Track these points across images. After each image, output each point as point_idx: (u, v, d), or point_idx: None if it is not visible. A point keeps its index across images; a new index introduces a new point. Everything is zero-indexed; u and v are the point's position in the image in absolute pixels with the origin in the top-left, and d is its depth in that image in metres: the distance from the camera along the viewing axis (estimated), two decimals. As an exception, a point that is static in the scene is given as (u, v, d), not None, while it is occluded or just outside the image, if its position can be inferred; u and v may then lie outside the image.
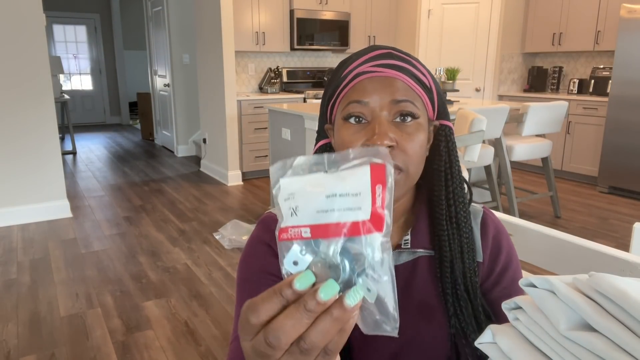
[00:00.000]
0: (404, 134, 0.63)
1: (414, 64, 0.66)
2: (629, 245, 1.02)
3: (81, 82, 9.54)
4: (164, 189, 4.70)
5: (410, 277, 0.71)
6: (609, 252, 0.86)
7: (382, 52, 0.66)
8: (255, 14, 5.07)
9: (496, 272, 0.73)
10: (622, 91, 4.38)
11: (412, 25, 5.82)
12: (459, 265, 0.69)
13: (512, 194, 3.57)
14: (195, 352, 2.06)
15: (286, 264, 0.36)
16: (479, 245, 0.73)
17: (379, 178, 0.36)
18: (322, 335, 0.34)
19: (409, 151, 0.63)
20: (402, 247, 0.71)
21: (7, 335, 2.18)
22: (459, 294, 0.68)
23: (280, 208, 0.38)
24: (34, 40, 3.48)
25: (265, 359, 0.35)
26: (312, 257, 0.36)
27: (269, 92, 5.33)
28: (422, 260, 0.71)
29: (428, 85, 0.67)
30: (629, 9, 4.28)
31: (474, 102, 4.33)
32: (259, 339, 0.35)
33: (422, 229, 0.72)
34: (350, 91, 0.65)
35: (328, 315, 0.34)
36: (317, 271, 0.35)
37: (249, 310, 0.35)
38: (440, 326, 0.69)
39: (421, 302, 0.70)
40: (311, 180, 0.37)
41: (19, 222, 3.67)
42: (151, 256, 3.07)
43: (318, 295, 0.33)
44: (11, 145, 3.56)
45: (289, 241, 0.36)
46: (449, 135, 0.71)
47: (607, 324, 0.41)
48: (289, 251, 0.36)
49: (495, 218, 0.77)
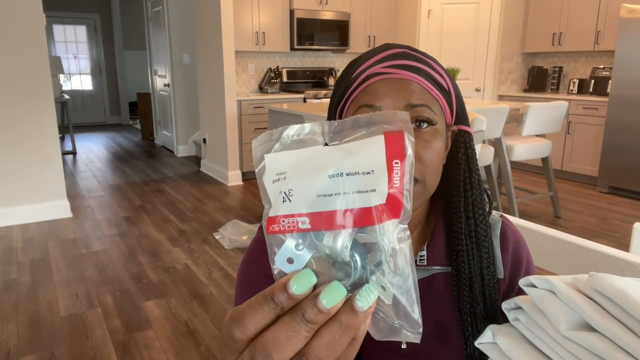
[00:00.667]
0: (420, 142, 0.58)
1: (431, 65, 0.61)
2: (629, 245, 1.02)
3: (81, 82, 9.54)
4: (164, 189, 4.70)
5: (425, 295, 0.65)
6: (609, 252, 0.86)
7: (396, 52, 0.61)
8: (255, 14, 5.07)
9: (516, 288, 0.68)
10: (622, 91, 4.38)
11: (412, 25, 5.82)
12: (479, 283, 0.64)
13: (512, 194, 3.57)
14: (195, 352, 2.06)
15: (278, 262, 0.29)
16: (499, 260, 0.68)
17: (396, 150, 0.28)
18: (328, 349, 0.26)
19: (426, 160, 0.58)
20: (418, 263, 0.65)
21: (7, 335, 2.18)
22: (477, 315, 0.63)
23: (267, 192, 0.30)
24: (34, 40, 3.48)
25: None
26: (311, 252, 0.28)
27: (269, 92, 5.33)
28: (438, 277, 0.66)
29: (446, 87, 0.62)
30: (629, 9, 4.28)
31: (474, 102, 4.33)
32: (243, 358, 0.27)
33: (438, 243, 0.66)
34: (361, 94, 0.60)
35: (336, 322, 0.26)
36: (318, 270, 0.28)
37: (233, 321, 0.28)
38: (456, 349, 0.65)
39: (437, 323, 0.65)
40: (308, 155, 0.30)
41: (19, 222, 3.67)
42: (151, 256, 3.07)
43: (320, 301, 0.26)
44: (11, 145, 3.56)
45: (282, 234, 0.29)
46: (469, 142, 0.65)
47: (607, 324, 0.41)
48: (282, 246, 0.28)
49: (514, 228, 0.72)
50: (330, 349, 0.26)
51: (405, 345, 0.64)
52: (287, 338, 0.26)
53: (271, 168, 0.30)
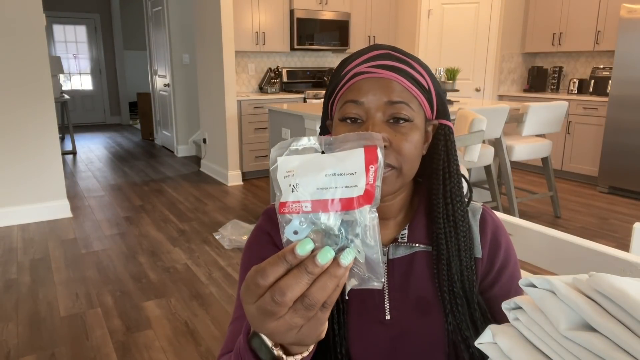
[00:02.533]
0: (398, 134, 0.64)
1: (412, 65, 0.67)
2: (629, 245, 1.02)
3: (81, 82, 9.54)
4: (164, 189, 4.70)
5: (407, 271, 0.72)
6: (609, 252, 0.86)
7: (381, 53, 0.67)
8: (255, 14, 5.07)
9: (495, 269, 0.73)
10: (622, 91, 4.38)
11: (412, 25, 5.82)
12: (456, 263, 0.70)
13: (512, 194, 3.57)
14: (195, 352, 2.06)
15: (287, 233, 0.41)
16: (478, 241, 0.73)
17: (371, 158, 0.41)
18: (322, 291, 0.39)
19: (403, 150, 0.64)
20: (399, 241, 0.72)
21: (7, 335, 2.18)
22: (455, 292, 0.69)
23: (279, 184, 0.42)
24: (34, 40, 3.48)
25: (271, 316, 0.40)
26: (310, 227, 0.40)
27: (269, 92, 5.33)
28: (420, 255, 0.72)
29: (426, 86, 0.68)
30: (629, 9, 4.28)
31: (474, 102, 4.33)
32: (265, 298, 0.39)
33: (419, 224, 0.73)
34: (347, 91, 0.67)
35: (327, 273, 0.39)
36: (315, 239, 0.40)
37: (257, 273, 0.40)
38: (436, 322, 0.70)
39: (418, 297, 0.71)
40: (310, 159, 0.42)
41: (19, 222, 3.67)
42: (151, 256, 3.07)
43: (317, 259, 0.39)
44: (11, 145, 3.56)
45: (289, 214, 0.41)
46: (448, 135, 0.72)
47: (607, 324, 0.41)
48: (289, 223, 0.41)
49: (495, 216, 0.77)
50: (322, 291, 0.39)
51: (389, 316, 0.71)
52: (296, 283, 0.39)
53: (282, 167, 0.42)
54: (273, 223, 0.77)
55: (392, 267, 0.72)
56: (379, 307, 0.71)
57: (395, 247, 0.72)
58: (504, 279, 0.73)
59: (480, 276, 0.73)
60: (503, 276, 0.73)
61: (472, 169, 3.91)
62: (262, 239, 0.77)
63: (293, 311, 0.40)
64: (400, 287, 0.71)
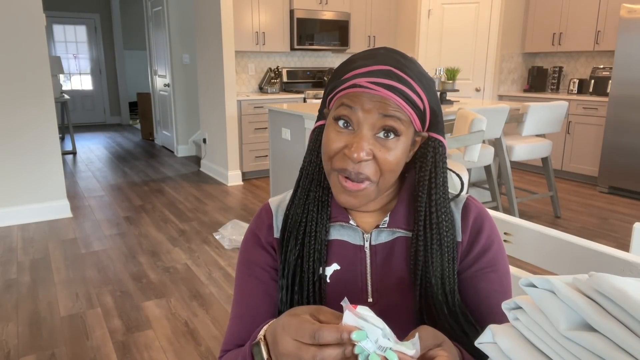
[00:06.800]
0: (383, 148, 0.68)
1: (412, 85, 0.69)
2: (629, 245, 1.02)
3: (81, 82, 9.54)
4: (164, 189, 4.70)
5: (388, 255, 0.76)
6: (609, 252, 0.86)
7: (383, 69, 0.68)
8: (255, 14, 5.07)
9: (474, 252, 0.76)
10: (622, 91, 4.38)
11: (412, 25, 5.82)
12: (437, 247, 0.72)
13: (512, 194, 3.57)
14: (195, 352, 2.06)
15: (357, 326, 0.52)
16: (459, 226, 0.76)
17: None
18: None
19: (385, 166, 0.68)
20: (380, 226, 0.76)
21: (7, 335, 2.18)
22: (429, 274, 0.72)
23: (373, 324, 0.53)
24: (34, 40, 3.48)
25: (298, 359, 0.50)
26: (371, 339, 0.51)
27: (269, 92, 5.33)
28: (400, 240, 0.76)
29: (421, 107, 0.70)
30: (629, 9, 4.28)
31: (474, 102, 4.33)
32: (310, 350, 0.50)
33: (400, 211, 0.76)
34: (345, 95, 0.70)
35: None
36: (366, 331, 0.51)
37: (320, 329, 0.50)
38: (411, 302, 0.74)
39: (398, 278, 0.75)
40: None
41: (19, 222, 3.67)
42: (151, 256, 3.07)
43: (355, 350, 0.49)
44: (11, 145, 3.56)
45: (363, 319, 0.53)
46: (438, 148, 0.74)
47: (607, 324, 0.41)
48: (363, 328, 0.52)
49: (480, 204, 0.80)
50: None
51: (371, 299, 0.75)
52: (335, 356, 0.50)
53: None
54: (261, 221, 0.80)
55: (375, 252, 0.76)
56: (363, 291, 0.75)
57: (378, 233, 0.76)
58: (483, 263, 0.75)
59: (459, 259, 0.76)
60: (482, 260, 0.75)
61: (472, 169, 3.91)
62: (250, 240, 0.81)
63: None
64: (381, 271, 0.75)
